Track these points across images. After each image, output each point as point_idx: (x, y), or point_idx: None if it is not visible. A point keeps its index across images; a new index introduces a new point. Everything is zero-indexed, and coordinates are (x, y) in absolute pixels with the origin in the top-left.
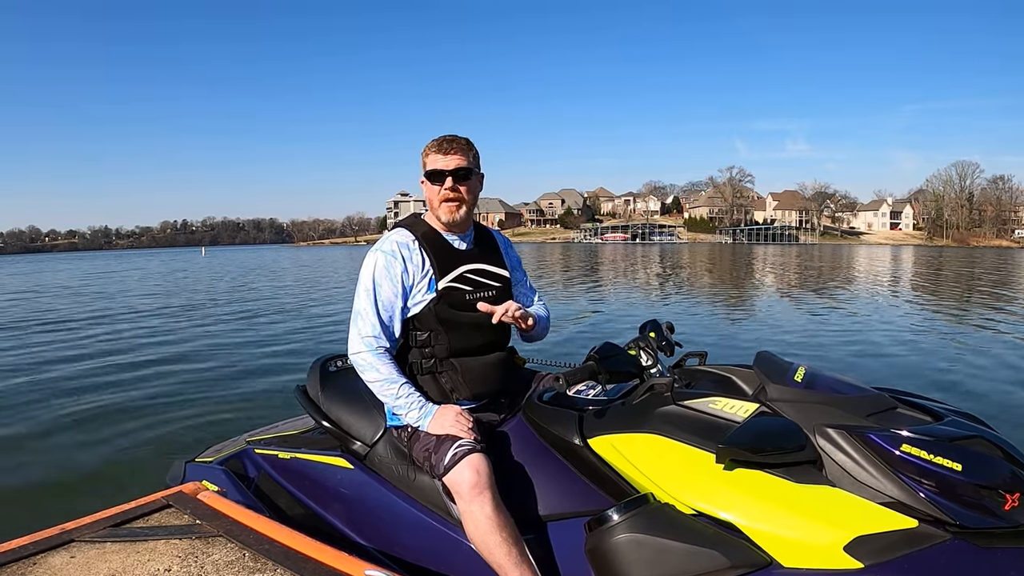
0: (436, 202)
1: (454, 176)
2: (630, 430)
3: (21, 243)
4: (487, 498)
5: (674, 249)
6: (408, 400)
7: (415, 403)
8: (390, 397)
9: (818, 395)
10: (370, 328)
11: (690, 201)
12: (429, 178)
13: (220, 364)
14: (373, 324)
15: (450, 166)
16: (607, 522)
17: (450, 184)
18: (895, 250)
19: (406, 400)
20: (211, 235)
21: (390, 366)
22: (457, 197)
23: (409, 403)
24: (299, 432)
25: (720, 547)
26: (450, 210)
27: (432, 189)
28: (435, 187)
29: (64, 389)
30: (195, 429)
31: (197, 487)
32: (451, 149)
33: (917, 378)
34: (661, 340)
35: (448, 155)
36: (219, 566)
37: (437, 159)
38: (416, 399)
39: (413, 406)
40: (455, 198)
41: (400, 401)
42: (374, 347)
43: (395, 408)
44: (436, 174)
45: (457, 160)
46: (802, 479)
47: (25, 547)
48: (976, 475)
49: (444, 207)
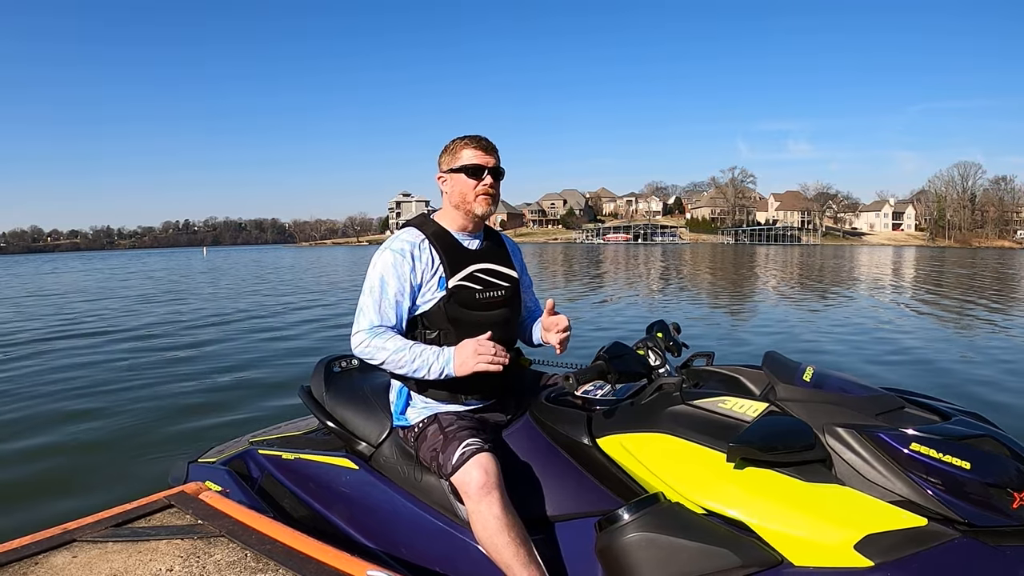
0: (471, 195)
1: (493, 173)
2: (640, 430)
3: (23, 243)
4: (495, 498)
5: (676, 250)
6: (424, 357)
7: (431, 357)
8: (408, 364)
9: (827, 395)
10: (368, 324)
11: (692, 202)
12: (465, 172)
13: (223, 364)
14: (372, 320)
15: (490, 163)
16: (618, 521)
17: (490, 180)
18: (897, 251)
19: (422, 358)
20: (213, 235)
21: (395, 339)
22: (494, 193)
23: (426, 360)
24: (303, 433)
25: (731, 546)
26: (487, 203)
27: (467, 183)
28: (472, 181)
29: (65, 388)
30: (196, 429)
31: (199, 487)
32: (490, 149)
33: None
34: (668, 340)
35: (488, 154)
36: (221, 566)
37: (478, 155)
38: (431, 353)
39: (431, 360)
40: (493, 193)
41: (418, 362)
42: (375, 331)
43: (416, 373)
44: (477, 169)
45: (495, 160)
46: (812, 478)
47: (27, 547)
48: (984, 474)
49: (481, 200)
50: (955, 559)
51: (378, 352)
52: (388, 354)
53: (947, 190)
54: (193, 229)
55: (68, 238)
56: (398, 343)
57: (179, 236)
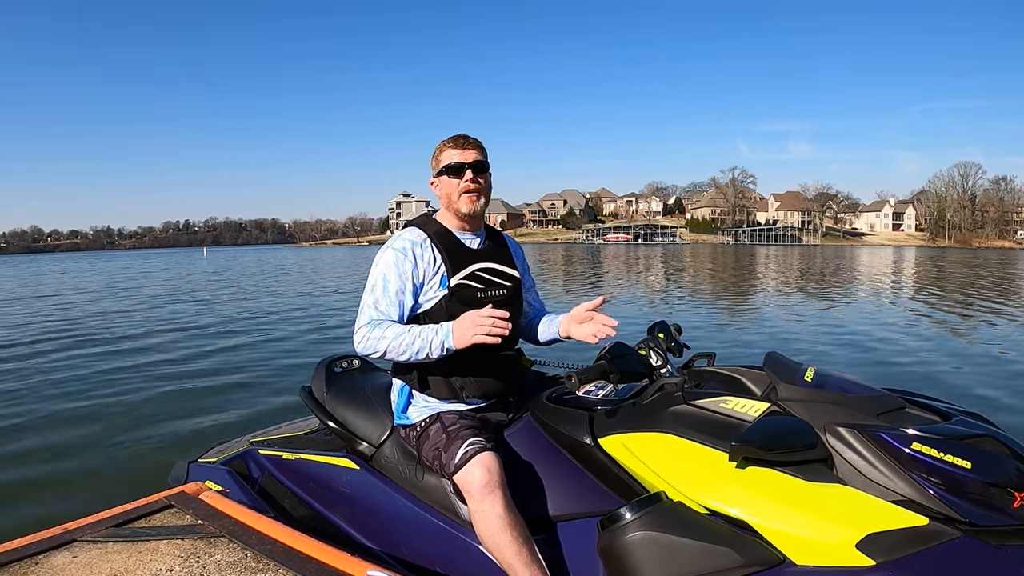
0: (456, 195)
1: (473, 168)
2: (642, 429)
3: (24, 243)
4: (498, 497)
5: (676, 250)
6: (424, 337)
7: (430, 334)
8: (409, 346)
9: (828, 395)
10: (368, 319)
11: (692, 202)
12: (447, 172)
13: (226, 364)
14: (372, 316)
15: (468, 159)
16: (620, 520)
17: (470, 176)
18: (898, 251)
19: (422, 338)
20: (213, 235)
21: (393, 326)
22: (477, 188)
23: (426, 338)
24: (304, 433)
25: (733, 545)
26: (471, 200)
27: (451, 183)
28: (454, 180)
29: (67, 388)
30: (197, 429)
31: (199, 487)
32: (467, 144)
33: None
34: (670, 341)
35: (465, 150)
36: (221, 566)
37: (455, 153)
38: (430, 330)
39: (431, 337)
40: (475, 189)
41: (419, 342)
42: (374, 323)
43: (418, 354)
44: (456, 167)
45: (474, 154)
46: (814, 477)
47: (27, 547)
48: (985, 473)
49: (465, 198)
50: (956, 558)
51: (379, 342)
52: (388, 342)
53: (947, 190)
54: (193, 229)
55: (68, 238)
56: (397, 329)
57: (179, 236)
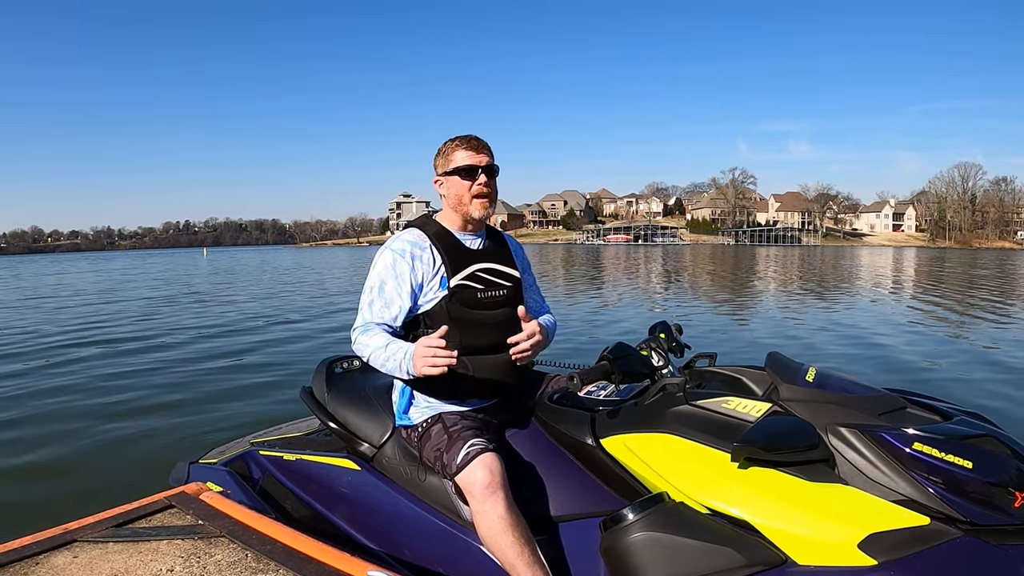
0: (467, 197)
1: (486, 172)
2: (644, 430)
3: (24, 243)
4: (500, 497)
5: (677, 251)
6: (396, 358)
7: (400, 356)
8: (384, 363)
9: (830, 395)
10: (362, 321)
11: (692, 203)
12: (459, 173)
13: (226, 365)
14: (366, 318)
15: (483, 162)
16: (622, 521)
17: (483, 180)
18: (898, 252)
19: (395, 359)
20: (213, 236)
21: (377, 336)
22: (490, 193)
23: (396, 359)
24: (304, 434)
25: (735, 545)
26: (483, 206)
27: (461, 184)
28: (466, 182)
29: (67, 388)
30: (198, 430)
31: (199, 487)
32: (481, 147)
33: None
34: (671, 341)
35: (479, 153)
36: (221, 566)
37: (469, 155)
38: (401, 352)
39: (400, 359)
40: (487, 194)
41: (391, 362)
42: (364, 328)
43: (392, 372)
44: (469, 169)
45: (487, 158)
46: (815, 477)
47: (27, 547)
48: (986, 473)
49: (477, 203)
50: (957, 558)
51: (364, 349)
52: (370, 351)
53: (947, 191)
54: (194, 230)
55: (68, 238)
56: (378, 341)
57: (179, 237)
